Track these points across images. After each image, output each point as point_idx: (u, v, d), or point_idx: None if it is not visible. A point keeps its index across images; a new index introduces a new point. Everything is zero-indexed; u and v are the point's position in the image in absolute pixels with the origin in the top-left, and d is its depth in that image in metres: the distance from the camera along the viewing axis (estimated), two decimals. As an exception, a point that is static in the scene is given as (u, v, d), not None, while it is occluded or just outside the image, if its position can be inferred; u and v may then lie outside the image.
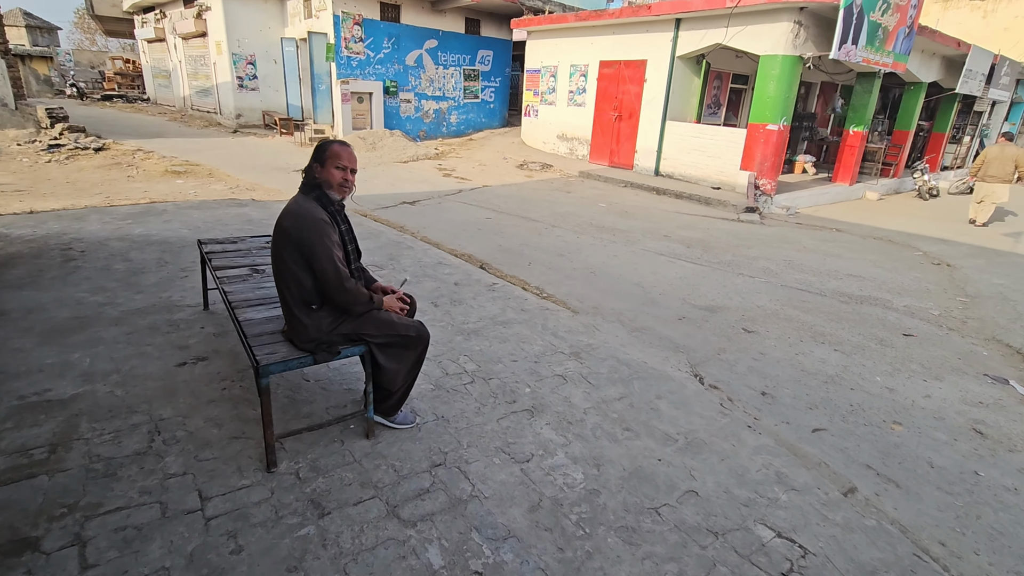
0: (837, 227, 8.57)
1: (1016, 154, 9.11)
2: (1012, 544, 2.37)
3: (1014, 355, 4.30)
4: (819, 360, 3.90)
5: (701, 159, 10.34)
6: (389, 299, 2.26)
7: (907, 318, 4.88)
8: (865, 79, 10.62)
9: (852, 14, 7.95)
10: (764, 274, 5.81)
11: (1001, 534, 2.43)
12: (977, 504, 2.60)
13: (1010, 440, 3.16)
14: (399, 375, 2.19)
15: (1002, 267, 6.74)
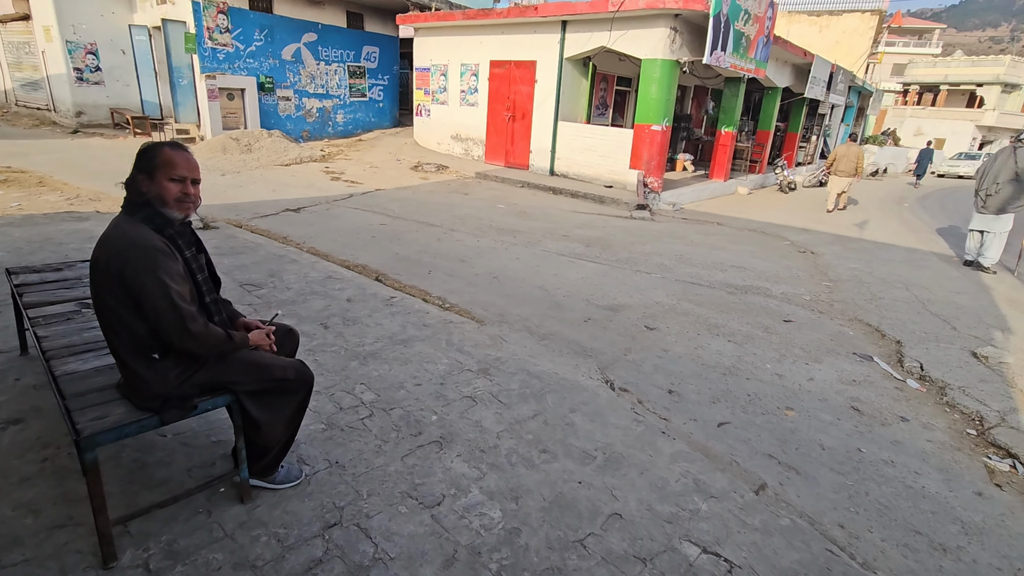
0: (718, 221, 9.20)
1: (858, 152, 10.78)
2: (897, 517, 2.54)
3: (873, 333, 4.78)
4: (716, 352, 4.03)
5: (593, 158, 10.63)
6: (257, 334, 1.86)
7: (785, 305, 5.26)
8: (732, 83, 11.56)
9: (720, 23, 8.55)
10: (659, 269, 6.01)
11: (887, 508, 2.60)
12: (864, 481, 2.77)
13: (881, 415, 3.44)
14: (277, 427, 1.82)
15: (854, 252, 7.60)
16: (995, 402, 3.63)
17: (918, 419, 3.43)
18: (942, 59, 37.94)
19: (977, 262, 7.31)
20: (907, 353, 4.32)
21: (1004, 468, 3.04)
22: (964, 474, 2.93)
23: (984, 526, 2.54)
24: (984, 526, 2.54)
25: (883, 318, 5.04)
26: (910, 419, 3.42)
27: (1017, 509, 2.71)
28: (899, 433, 3.25)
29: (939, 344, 4.50)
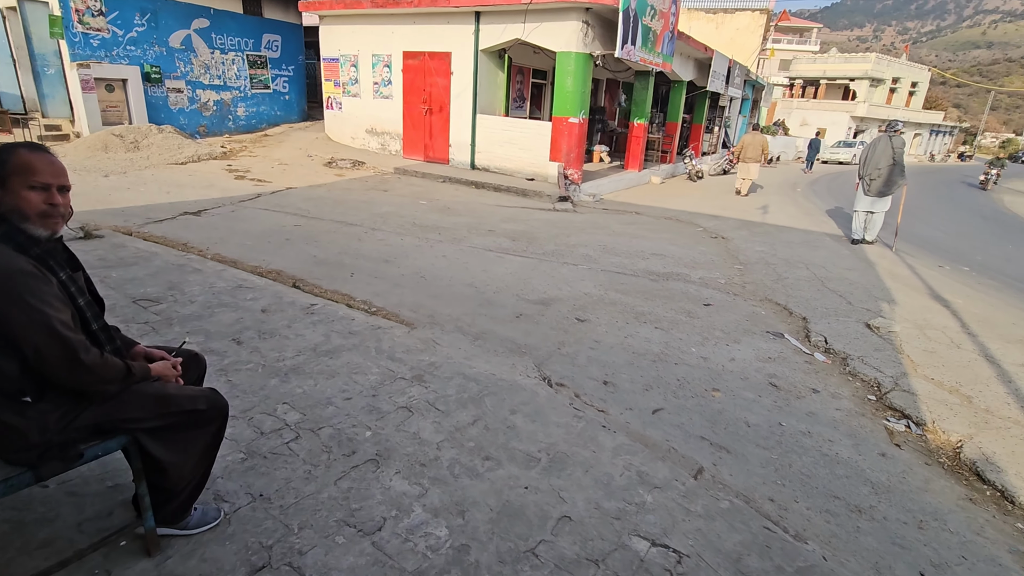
0: (636, 210, 9.53)
1: (762, 141, 11.87)
2: (818, 484, 2.71)
3: (782, 311, 5.12)
4: (645, 340, 4.14)
5: (514, 151, 10.62)
6: (160, 366, 1.62)
7: (704, 289, 5.52)
8: (642, 77, 11.98)
9: (629, 17, 8.80)
10: (585, 261, 6.09)
11: (809, 477, 2.77)
12: (787, 453, 2.94)
13: (795, 388, 3.68)
14: (186, 466, 1.59)
15: (760, 236, 8.15)
16: (888, 369, 4.00)
17: (827, 390, 3.71)
18: (820, 56, 41.80)
19: (865, 240, 8.17)
20: (812, 328, 4.67)
21: (900, 429, 3.36)
22: (869, 438, 3.20)
23: (889, 484, 2.78)
24: (889, 484, 2.78)
25: (789, 297, 5.42)
26: (820, 390, 3.69)
27: (914, 466, 3.00)
28: (812, 404, 3.49)
29: (838, 318, 4.91)
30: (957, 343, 4.53)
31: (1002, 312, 5.58)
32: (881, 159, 7.67)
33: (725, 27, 26.80)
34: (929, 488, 2.82)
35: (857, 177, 8.11)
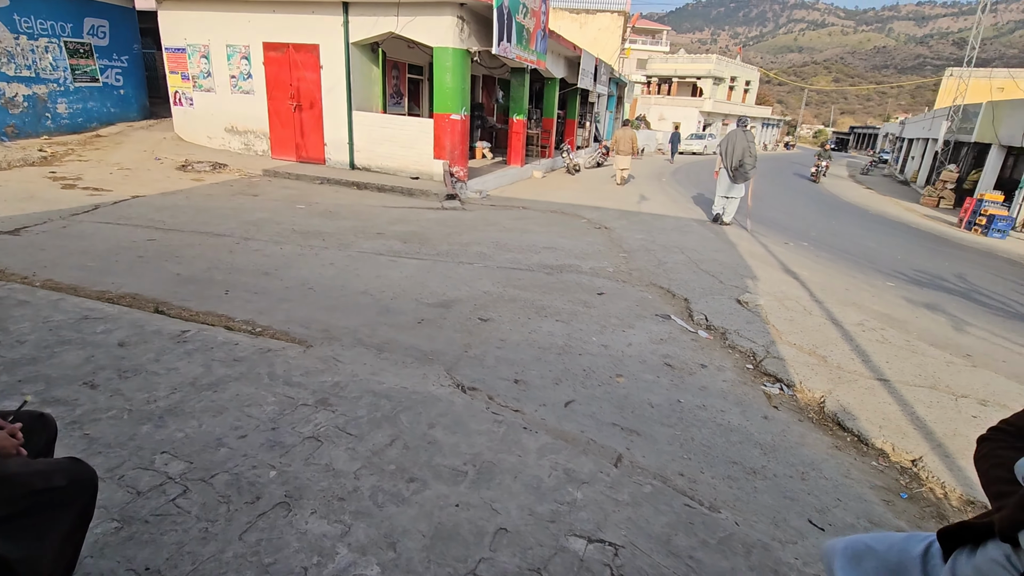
0: (523, 205, 9.71)
1: (632, 135, 13.24)
2: (718, 454, 2.94)
3: (667, 294, 5.52)
4: (548, 334, 4.21)
5: (396, 150, 10.27)
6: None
7: (595, 279, 5.77)
8: (518, 74, 12.21)
9: (503, 14, 8.89)
10: (480, 258, 6.07)
11: (709, 447, 3.00)
12: (688, 428, 3.16)
13: (687, 366, 3.98)
14: (43, 560, 1.26)
15: (638, 224, 8.73)
16: (760, 339, 4.48)
17: (712, 363, 4.05)
18: (671, 56, 45.89)
19: (721, 219, 9.30)
20: (694, 308, 5.09)
21: (776, 392, 3.77)
22: (752, 404, 3.54)
23: (775, 444, 3.10)
24: (775, 444, 3.10)
25: (671, 280, 5.86)
26: (707, 365, 4.02)
27: (791, 424, 3.38)
28: (703, 379, 3.79)
29: (714, 297, 5.41)
30: (808, 310, 5.21)
31: (837, 280, 6.54)
32: (737, 151, 8.73)
33: (588, 27, 28.28)
34: (805, 442, 3.18)
35: (718, 166, 9.13)
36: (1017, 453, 1.04)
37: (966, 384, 3.94)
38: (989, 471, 1.09)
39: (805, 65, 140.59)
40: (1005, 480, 1.03)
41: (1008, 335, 5.22)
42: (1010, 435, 1.12)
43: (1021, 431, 1.11)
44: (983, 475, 1.11)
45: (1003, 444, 1.10)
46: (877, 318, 5.19)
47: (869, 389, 3.77)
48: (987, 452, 1.12)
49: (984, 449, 1.13)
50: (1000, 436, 1.13)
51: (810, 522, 2.48)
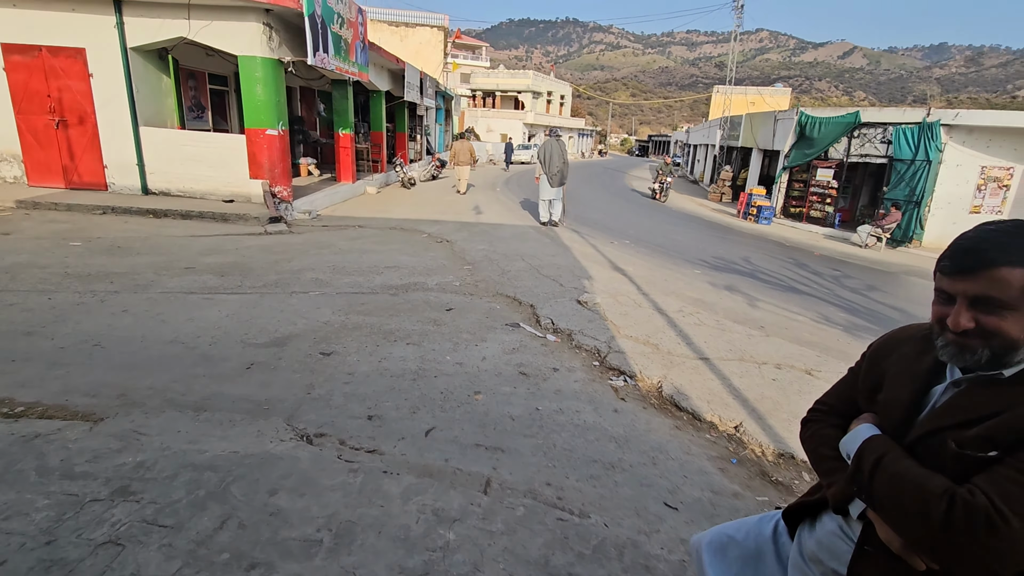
0: (359, 223, 9.22)
1: (470, 146, 14.32)
2: (579, 455, 3.02)
3: (513, 302, 5.63)
4: (400, 359, 3.99)
5: (202, 170, 9.02)
6: None
7: (442, 294, 5.66)
8: (340, 86, 11.62)
9: (317, 23, 8.35)
10: (316, 285, 5.58)
11: (570, 451, 3.07)
12: (549, 435, 3.20)
13: (540, 372, 4.07)
14: None
15: (478, 235, 8.84)
16: (602, 336, 4.77)
17: (563, 366, 4.20)
18: (493, 71, 48.05)
19: (552, 221, 10.16)
20: (540, 313, 5.26)
21: (621, 384, 4.02)
22: (602, 399, 3.74)
23: (626, 435, 3.29)
24: (626, 435, 3.29)
25: (516, 288, 6.00)
26: (559, 368, 4.16)
27: (638, 412, 3.63)
28: (556, 382, 3.90)
29: (557, 300, 5.65)
30: (638, 303, 5.72)
31: (657, 272, 7.32)
32: (555, 158, 9.70)
33: (409, 40, 28.23)
34: (651, 428, 3.43)
35: (538, 172, 10.02)
36: (837, 431, 1.17)
37: (764, 352, 4.64)
38: (816, 450, 1.20)
39: (607, 82, 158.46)
40: (832, 458, 1.14)
41: (786, 306, 6.34)
42: (827, 414, 1.25)
43: (834, 408, 1.25)
44: (811, 454, 1.22)
45: (824, 424, 1.23)
46: (692, 304, 5.91)
47: (695, 369, 4.23)
48: (812, 433, 1.24)
49: (808, 431, 1.26)
50: (820, 416, 1.26)
51: (666, 504, 2.64)
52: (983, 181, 11.74)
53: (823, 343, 5.07)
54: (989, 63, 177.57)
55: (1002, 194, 11.78)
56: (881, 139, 12.45)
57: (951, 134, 11.55)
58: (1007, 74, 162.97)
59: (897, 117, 12.18)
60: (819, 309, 6.37)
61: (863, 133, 12.77)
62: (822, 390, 4.10)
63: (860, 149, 12.90)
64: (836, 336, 5.33)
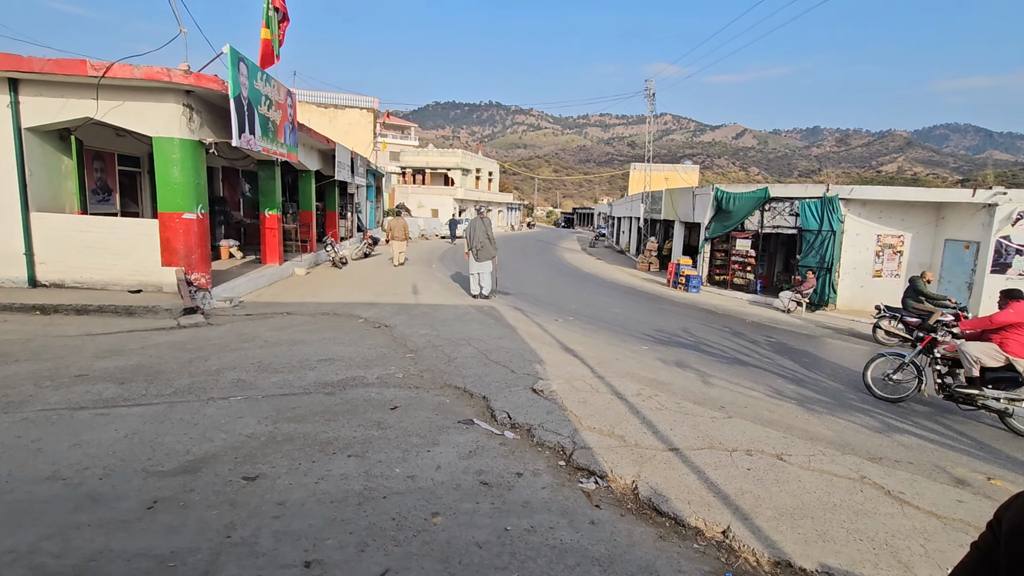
0: (287, 310, 8.54)
1: (404, 223, 15.68)
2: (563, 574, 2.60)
3: (464, 395, 5.21)
4: (341, 478, 3.44)
5: (105, 259, 8.10)
6: None
7: (385, 390, 5.15)
8: (266, 166, 11.20)
9: (243, 105, 8.04)
10: (239, 388, 4.91)
11: None
12: (524, 563, 2.75)
13: (503, 479, 3.63)
14: None
15: (419, 318, 8.41)
16: (563, 429, 4.43)
17: (527, 469, 3.79)
18: (422, 150, 49.38)
19: (483, 295, 10.53)
20: (495, 406, 4.86)
21: (592, 487, 3.66)
22: (576, 508, 3.34)
23: (609, 554, 2.90)
24: (609, 554, 2.90)
25: (465, 378, 5.59)
26: (523, 472, 3.74)
27: (616, 522, 3.25)
28: (523, 491, 3.48)
29: (511, 390, 5.29)
30: (595, 388, 5.47)
31: (606, 351, 7.18)
32: (479, 234, 10.23)
33: (339, 121, 28.48)
34: (634, 542, 3.06)
35: (467, 248, 10.48)
36: None
37: (731, 437, 4.47)
38: None
39: (531, 159, 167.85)
40: None
41: (738, 380, 6.33)
42: None
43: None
44: None
45: None
46: (649, 385, 5.74)
47: (667, 463, 3.96)
48: None
49: None
50: None
51: (671, 650, 2.25)
52: (880, 248, 12.97)
53: (783, 421, 5.00)
54: (855, 143, 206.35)
55: (897, 259, 13.04)
56: (789, 212, 13.58)
57: (848, 207, 12.81)
58: (870, 152, 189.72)
59: (801, 192, 13.41)
60: (768, 382, 6.41)
61: (773, 206, 13.90)
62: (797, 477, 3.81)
63: (772, 221, 13.99)
64: (794, 413, 5.30)
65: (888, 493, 3.72)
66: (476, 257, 10.31)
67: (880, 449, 4.55)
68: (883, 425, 5.21)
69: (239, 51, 7.87)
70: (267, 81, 9.12)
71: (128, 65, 7.35)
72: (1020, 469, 4.51)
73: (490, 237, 10.23)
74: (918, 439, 4.92)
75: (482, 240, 10.20)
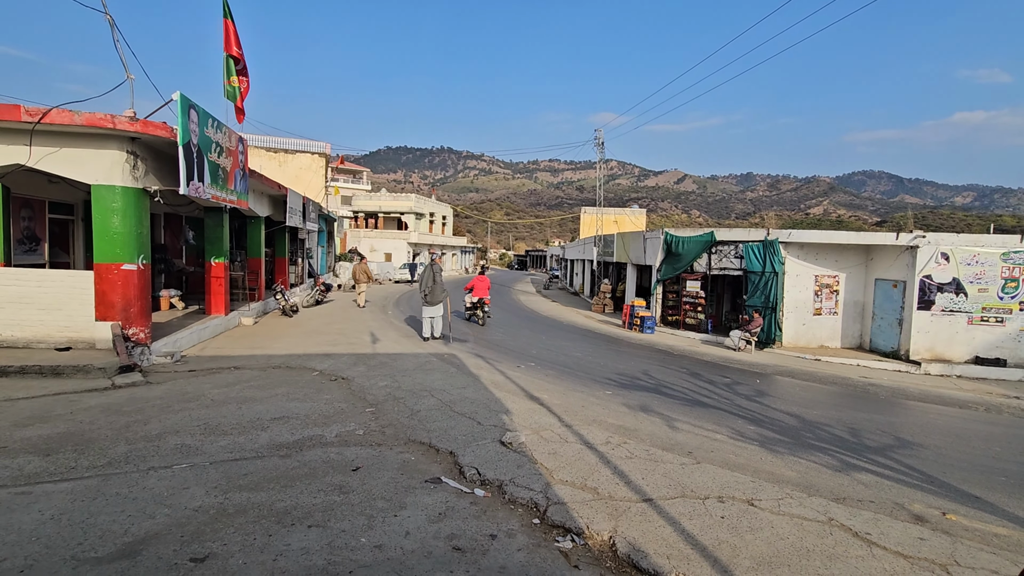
0: (234, 364, 8.08)
1: (366, 267, 17.39)
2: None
3: (429, 450, 5.00)
4: (302, 552, 3.18)
5: (32, 314, 7.45)
6: None
7: (345, 449, 4.89)
8: (214, 213, 10.80)
9: (192, 152, 7.78)
10: (183, 455, 4.52)
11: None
12: (505, 639, 2.59)
13: (477, 542, 3.46)
14: None
15: (377, 369, 8.12)
16: (536, 484, 4.31)
17: (501, 530, 3.63)
18: (375, 194, 49.25)
19: (434, 336, 11.05)
20: (463, 461, 4.69)
21: (569, 546, 3.53)
22: (554, 571, 3.20)
23: (594, 622, 2.77)
24: (594, 622, 2.77)
25: (430, 432, 5.38)
26: (497, 533, 3.58)
27: (598, 585, 3.14)
28: (498, 555, 3.31)
29: (478, 443, 5.13)
30: (564, 438, 5.39)
31: (571, 397, 7.13)
32: (430, 280, 10.79)
33: (289, 166, 28.09)
34: (618, 605, 2.95)
35: (420, 293, 10.99)
36: None
37: (701, 484, 4.47)
38: None
39: (483, 202, 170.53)
40: None
41: (701, 423, 6.40)
42: None
43: None
44: None
45: None
46: (616, 432, 5.71)
47: (642, 514, 3.89)
48: None
49: None
50: None
51: None
52: (819, 287, 13.76)
53: (749, 464, 5.06)
54: (784, 188, 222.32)
55: (835, 298, 13.85)
56: (735, 254, 14.26)
57: (788, 249, 13.60)
58: (799, 196, 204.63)
59: (745, 236, 14.15)
60: (729, 423, 6.52)
61: (719, 249, 14.57)
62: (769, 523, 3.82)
63: (719, 263, 14.63)
64: (758, 455, 5.38)
65: (856, 535, 3.79)
66: (428, 301, 10.83)
67: (842, 488, 4.66)
68: (841, 464, 5.36)
69: (190, 98, 7.68)
70: (218, 128, 8.91)
71: (67, 111, 7.02)
72: (967, 501, 4.71)
73: (436, 281, 10.79)
74: (875, 476, 5.08)
75: (428, 285, 10.79)
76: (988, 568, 3.47)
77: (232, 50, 10.26)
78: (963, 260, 12.13)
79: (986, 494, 4.88)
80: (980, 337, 12.20)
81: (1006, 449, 6.47)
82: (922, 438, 6.62)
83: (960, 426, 7.50)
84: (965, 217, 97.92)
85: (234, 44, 10.37)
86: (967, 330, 12.22)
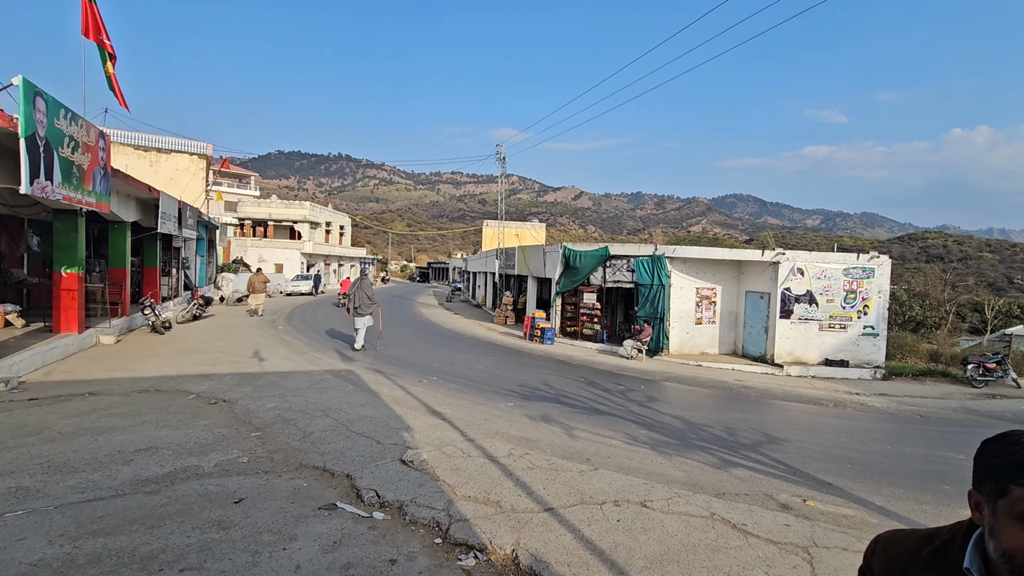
0: (89, 390, 7.05)
1: (263, 277, 18.18)
2: None
3: (324, 475, 4.70)
4: (170, 602, 2.81)
5: None
6: None
7: (226, 479, 4.45)
8: (66, 216, 9.43)
9: (38, 147, 6.72)
10: (18, 500, 3.85)
11: None
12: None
13: (375, 569, 3.29)
14: None
15: (265, 389, 7.50)
16: (437, 502, 4.20)
17: (401, 553, 3.49)
18: (264, 200, 45.97)
19: (364, 347, 11.55)
20: (361, 484, 4.46)
21: (472, 563, 3.48)
22: (458, 592, 3.14)
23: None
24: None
25: (324, 455, 5.06)
26: (396, 557, 3.44)
27: (501, 601, 3.11)
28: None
29: (377, 463, 4.91)
30: (467, 452, 5.33)
31: (474, 411, 7.08)
32: (360, 292, 11.41)
33: (162, 166, 25.38)
34: (521, 620, 2.95)
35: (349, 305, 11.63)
36: None
37: (599, 489, 4.63)
38: None
39: (384, 213, 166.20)
40: None
41: (598, 431, 6.65)
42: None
43: None
44: None
45: None
46: (519, 443, 5.75)
47: (544, 524, 3.94)
48: None
49: None
50: None
51: None
52: (700, 299, 15.03)
53: (642, 467, 5.33)
54: (669, 207, 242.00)
55: (713, 308, 15.21)
56: (627, 268, 15.16)
57: (673, 264, 14.72)
58: (681, 215, 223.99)
59: (636, 251, 15.10)
60: (624, 429, 6.85)
61: (613, 263, 15.40)
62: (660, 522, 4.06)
63: (613, 276, 15.46)
64: (650, 458, 5.69)
65: (735, 527, 4.12)
66: (358, 313, 11.51)
67: (722, 484, 5.07)
68: (721, 461, 5.84)
69: (35, 84, 6.66)
70: (72, 120, 7.81)
71: None
72: (822, 487, 5.34)
73: (368, 295, 11.62)
74: (749, 471, 5.60)
75: (360, 298, 11.50)
76: (840, 546, 3.94)
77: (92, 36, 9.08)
78: (815, 275, 13.91)
79: (836, 480, 5.56)
80: (829, 342, 14.01)
81: (850, 439, 7.45)
82: (786, 433, 7.42)
83: (815, 421, 8.52)
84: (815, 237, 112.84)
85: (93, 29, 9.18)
86: (819, 336, 13.98)
